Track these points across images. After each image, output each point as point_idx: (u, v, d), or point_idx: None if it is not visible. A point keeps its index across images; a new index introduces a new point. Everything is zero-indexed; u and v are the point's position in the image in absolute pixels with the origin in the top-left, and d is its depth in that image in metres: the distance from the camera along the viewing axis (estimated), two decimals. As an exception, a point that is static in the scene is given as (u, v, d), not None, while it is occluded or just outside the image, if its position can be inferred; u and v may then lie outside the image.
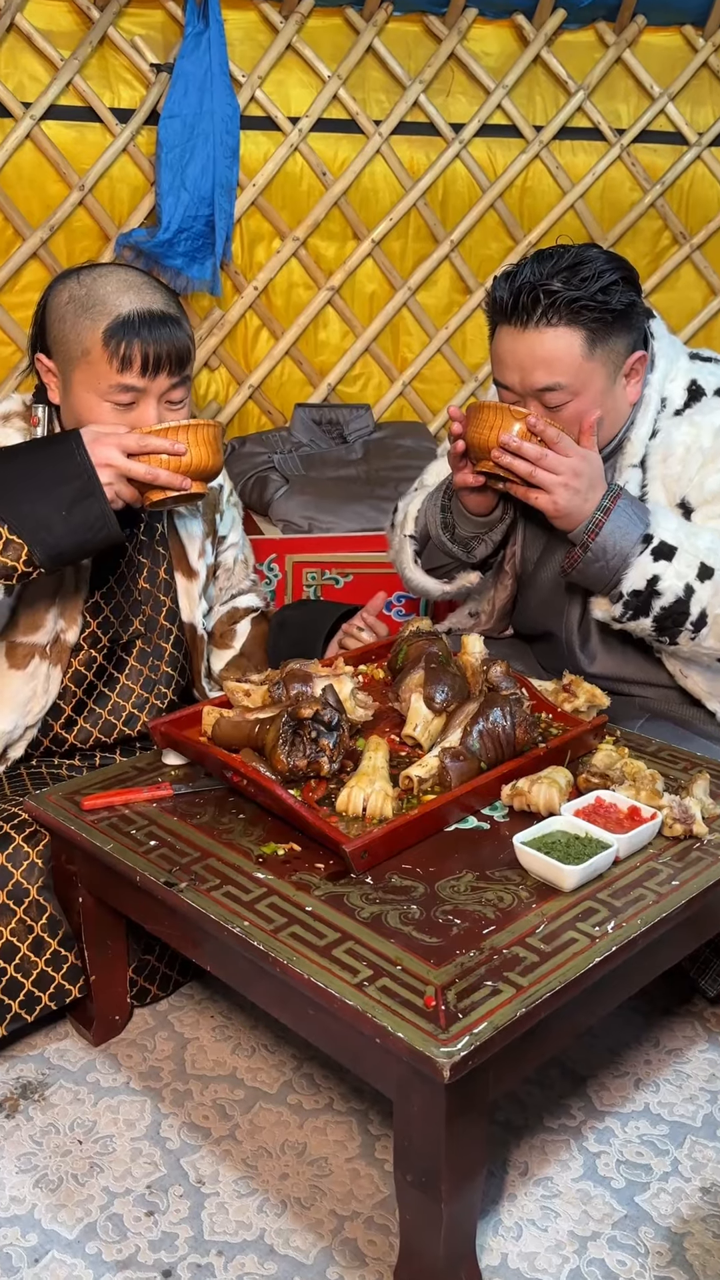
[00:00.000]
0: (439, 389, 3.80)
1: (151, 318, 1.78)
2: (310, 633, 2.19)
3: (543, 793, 1.62)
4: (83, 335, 1.78)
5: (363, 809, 1.59)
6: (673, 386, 1.97)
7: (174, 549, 2.07)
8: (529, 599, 2.19)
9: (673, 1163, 1.63)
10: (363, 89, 3.45)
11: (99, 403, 1.79)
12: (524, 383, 1.87)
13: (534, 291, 1.81)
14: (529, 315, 1.83)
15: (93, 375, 1.78)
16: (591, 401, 1.88)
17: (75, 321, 1.79)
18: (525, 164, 3.59)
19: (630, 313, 1.87)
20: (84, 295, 1.80)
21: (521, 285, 1.83)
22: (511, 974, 1.32)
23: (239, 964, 1.47)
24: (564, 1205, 1.56)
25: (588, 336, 1.83)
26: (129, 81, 3.25)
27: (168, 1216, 1.55)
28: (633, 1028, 1.87)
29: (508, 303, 1.85)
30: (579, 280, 1.81)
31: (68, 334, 1.80)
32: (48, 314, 1.85)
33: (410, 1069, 1.25)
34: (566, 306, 1.81)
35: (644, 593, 1.85)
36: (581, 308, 1.81)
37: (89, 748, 2.02)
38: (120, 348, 1.76)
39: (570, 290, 1.81)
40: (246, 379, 3.60)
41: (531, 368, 1.85)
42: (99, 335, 1.76)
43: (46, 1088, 1.76)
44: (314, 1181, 1.60)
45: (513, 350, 1.87)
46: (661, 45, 3.62)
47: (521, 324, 1.84)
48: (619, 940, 1.39)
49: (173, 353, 1.80)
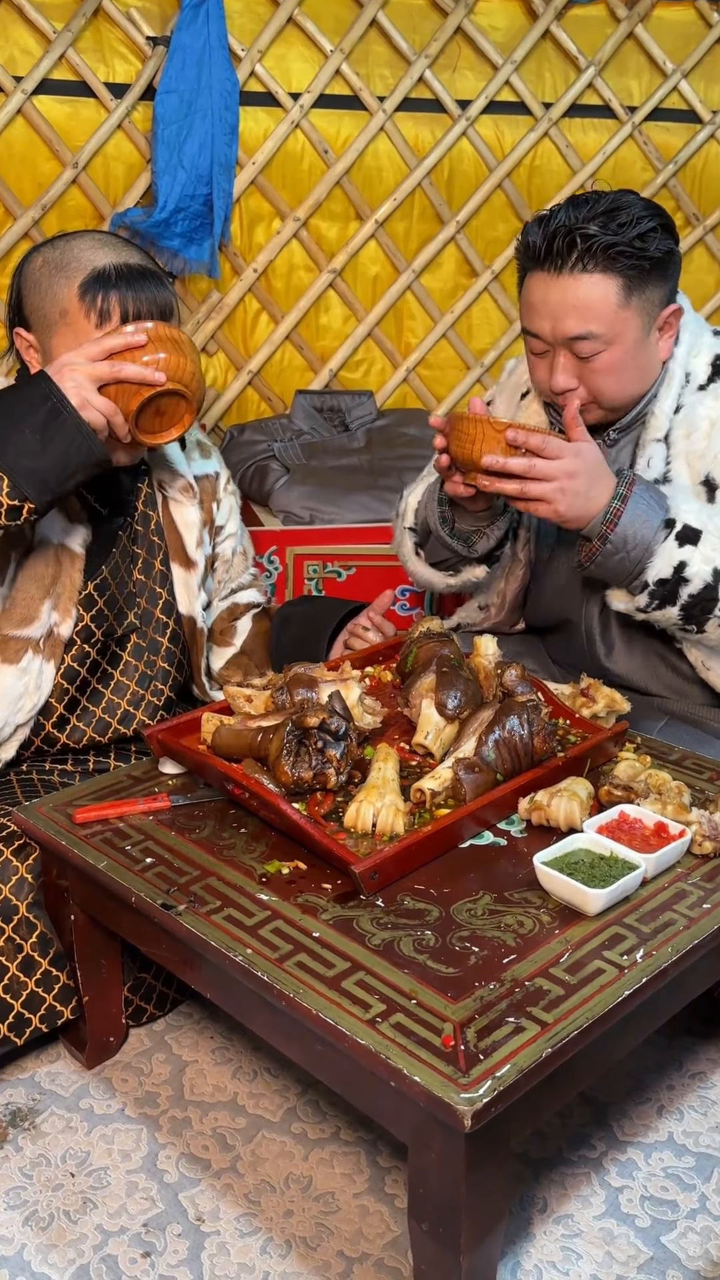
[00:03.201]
0: (444, 375, 3.69)
1: (130, 271, 1.71)
2: (314, 631, 2.10)
3: (563, 807, 1.53)
4: (59, 295, 1.70)
5: (372, 825, 1.50)
6: (696, 362, 1.91)
7: (170, 539, 1.97)
8: (544, 587, 2.10)
9: (700, 1199, 1.54)
10: (366, 64, 3.34)
11: None
12: (555, 331, 1.79)
13: (570, 235, 1.74)
14: (563, 260, 1.75)
15: (72, 335, 1.70)
16: (624, 353, 1.80)
17: (50, 283, 1.71)
18: (534, 142, 3.48)
19: (667, 262, 1.80)
20: (57, 257, 1.73)
21: (556, 229, 1.75)
22: (535, 1009, 1.23)
23: (241, 994, 1.38)
24: (586, 1246, 1.47)
25: (624, 284, 1.76)
26: (124, 55, 3.14)
27: (165, 1258, 1.46)
28: (654, 1050, 1.79)
29: (541, 247, 1.77)
30: (616, 226, 1.74)
31: (43, 298, 1.72)
32: (23, 285, 1.77)
33: (428, 1115, 1.16)
34: (603, 252, 1.74)
35: (671, 580, 1.76)
36: (619, 254, 1.74)
37: (82, 748, 1.93)
38: (98, 301, 1.68)
39: (608, 235, 1.73)
40: (245, 364, 3.49)
41: (564, 315, 1.77)
42: (74, 291, 1.69)
43: (37, 1115, 1.67)
44: (320, 1219, 1.51)
45: (544, 297, 1.79)
46: (675, 20, 3.51)
47: (555, 269, 1.77)
48: (649, 970, 1.29)
49: (153, 307, 1.72)
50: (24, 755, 1.90)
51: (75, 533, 1.83)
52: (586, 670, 2.03)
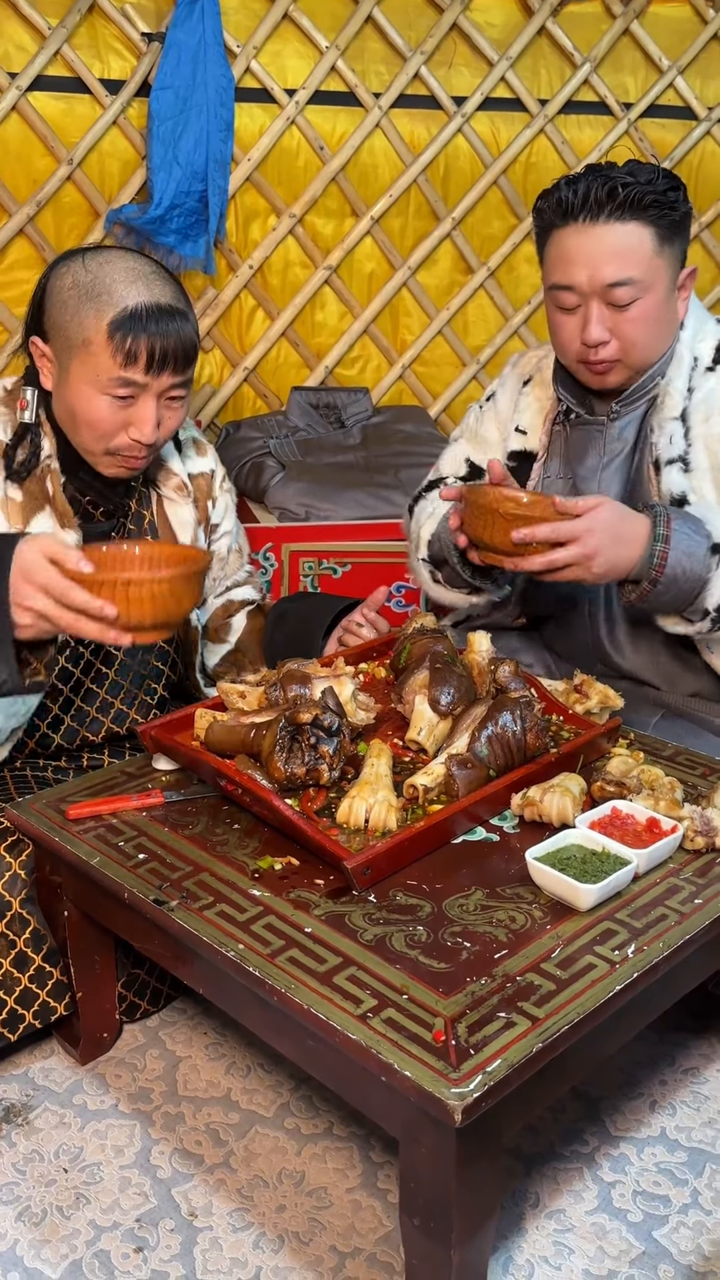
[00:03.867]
0: (439, 372, 3.69)
1: (160, 312, 1.69)
2: (308, 628, 2.09)
3: (555, 802, 1.53)
4: (85, 325, 1.68)
5: (365, 820, 1.50)
6: (703, 345, 1.94)
7: (164, 538, 1.97)
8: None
9: (692, 1193, 1.54)
10: (362, 60, 3.34)
11: (96, 395, 1.70)
12: (593, 278, 1.81)
13: (608, 184, 1.78)
14: (600, 210, 1.79)
15: (93, 367, 1.69)
16: (657, 302, 1.83)
17: (78, 309, 1.69)
18: (529, 139, 3.48)
19: (687, 220, 1.86)
20: (89, 282, 1.69)
21: (591, 182, 1.80)
22: (526, 1004, 1.23)
23: (233, 989, 1.38)
24: (578, 1241, 1.47)
25: (657, 233, 1.80)
26: (119, 51, 3.13)
27: (158, 1253, 1.46)
28: (646, 1046, 1.79)
29: (575, 200, 1.80)
30: (645, 178, 1.79)
31: (69, 321, 1.70)
32: (48, 297, 1.74)
33: (418, 1110, 1.16)
34: (638, 201, 1.78)
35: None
36: (652, 203, 1.78)
37: (75, 747, 1.93)
38: (125, 342, 1.67)
39: (640, 184, 1.78)
40: (241, 361, 3.49)
41: (602, 262, 1.80)
42: (103, 327, 1.67)
43: (30, 1110, 1.67)
44: (313, 1214, 1.51)
45: (580, 246, 1.81)
46: (670, 16, 3.51)
47: (592, 218, 1.80)
48: (640, 966, 1.29)
49: (179, 351, 1.71)
50: (18, 756, 1.90)
51: (66, 535, 1.81)
52: (588, 657, 2.03)
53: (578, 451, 2.01)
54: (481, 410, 2.19)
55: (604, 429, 1.96)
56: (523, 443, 2.09)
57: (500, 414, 2.15)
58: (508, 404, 2.14)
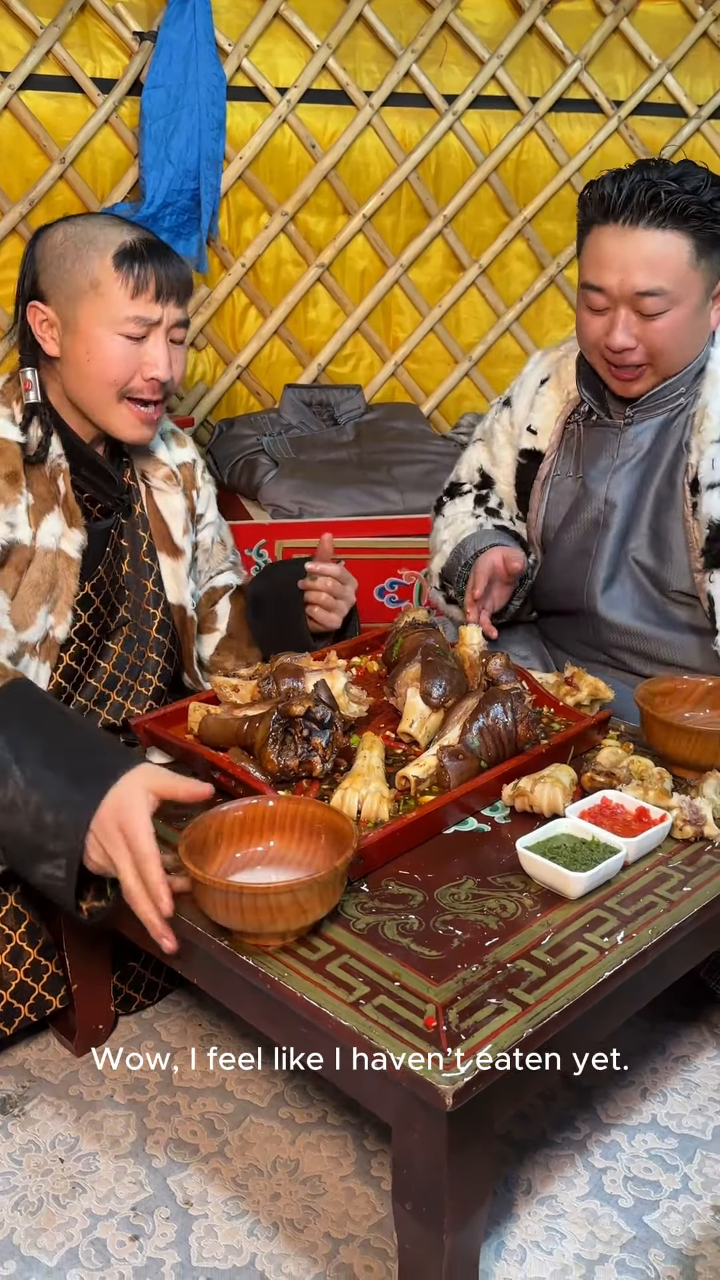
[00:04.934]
0: (432, 369, 3.71)
1: (156, 245, 1.76)
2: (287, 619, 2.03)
3: (546, 793, 1.54)
4: (90, 266, 1.73)
5: (357, 811, 1.51)
6: None
7: (156, 528, 1.97)
8: (550, 566, 2.11)
9: (683, 1179, 1.56)
10: (353, 59, 3.35)
11: (110, 336, 1.74)
12: (624, 285, 1.80)
13: (651, 190, 1.75)
14: (640, 214, 1.77)
15: (103, 306, 1.73)
16: (686, 315, 1.82)
17: (78, 255, 1.74)
18: (520, 137, 3.50)
19: None
20: (79, 232, 1.75)
21: (635, 183, 1.77)
22: (516, 990, 1.25)
23: (227, 979, 1.39)
24: (570, 1226, 1.49)
25: (696, 245, 1.78)
26: (111, 50, 3.15)
27: (153, 1241, 1.47)
28: (638, 1034, 1.80)
29: (618, 200, 1.78)
30: (691, 187, 1.76)
31: (70, 270, 1.74)
32: (40, 259, 1.77)
33: (410, 1095, 1.17)
34: (680, 211, 1.76)
35: None
36: (695, 214, 1.76)
37: None
38: (135, 269, 1.72)
39: (685, 194, 1.75)
40: (234, 359, 3.50)
41: (635, 269, 1.78)
42: (109, 262, 1.72)
43: (27, 1101, 1.68)
44: (307, 1202, 1.52)
45: (615, 250, 1.80)
46: (660, 14, 3.52)
47: (630, 223, 1.78)
48: (629, 952, 1.31)
49: (181, 279, 1.78)
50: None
51: (72, 538, 1.82)
52: (591, 648, 2.05)
53: (590, 453, 2.02)
54: (497, 413, 2.21)
55: (619, 433, 1.97)
56: (533, 442, 2.11)
57: (514, 417, 2.16)
58: (523, 406, 2.15)
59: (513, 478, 2.17)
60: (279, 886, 1.26)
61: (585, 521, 2.03)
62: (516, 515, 2.18)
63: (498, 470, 2.20)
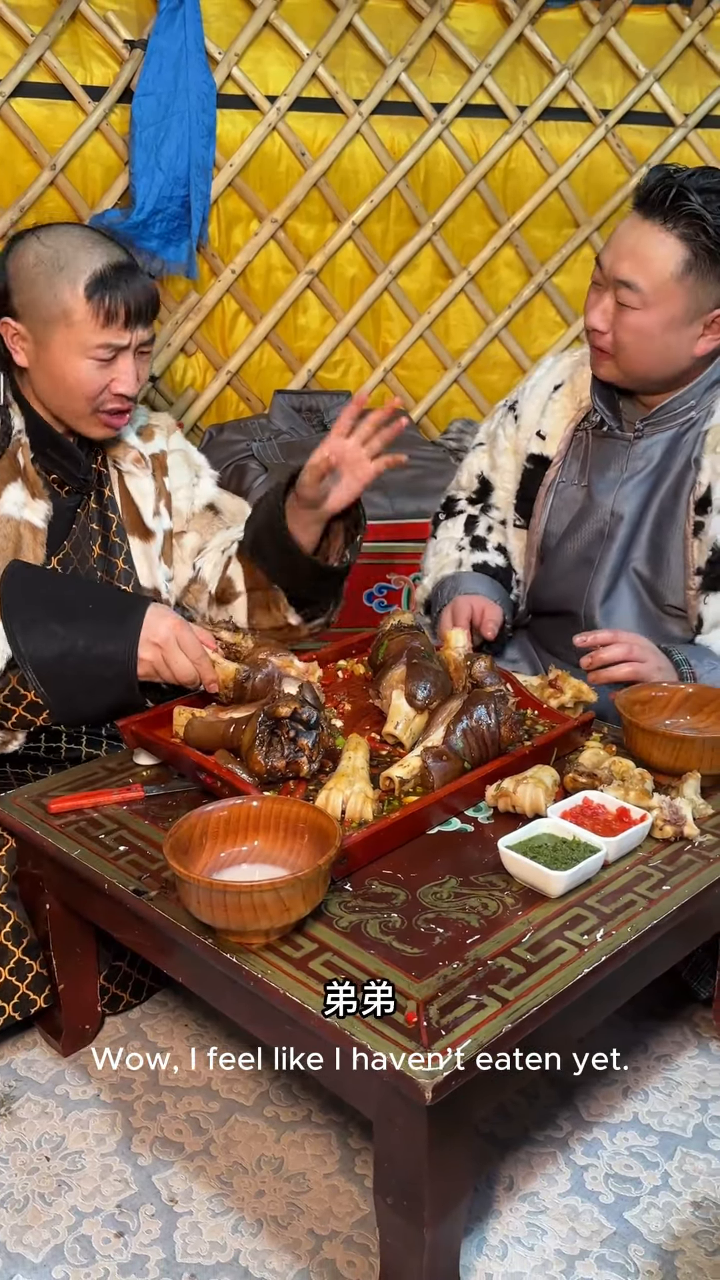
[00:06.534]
0: (421, 375, 3.72)
1: (125, 269, 1.81)
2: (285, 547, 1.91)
3: (528, 793, 1.56)
4: (61, 296, 1.77)
5: (342, 811, 1.52)
6: None
7: (127, 512, 1.99)
8: (550, 572, 2.13)
9: (663, 1176, 1.57)
10: (342, 67, 3.36)
11: (81, 361, 1.80)
12: (610, 267, 1.86)
13: (673, 190, 1.80)
14: (654, 208, 1.82)
15: (75, 335, 1.78)
16: (655, 323, 1.84)
17: (49, 283, 1.77)
18: (509, 145, 3.51)
19: None
20: (51, 255, 1.78)
21: (668, 179, 1.81)
22: (496, 987, 1.26)
23: (211, 976, 1.41)
24: (551, 1222, 1.50)
25: (688, 258, 1.80)
26: (102, 58, 3.16)
27: (138, 1238, 1.48)
28: (620, 1033, 1.82)
29: (645, 189, 1.84)
30: (716, 208, 1.79)
31: (42, 296, 1.78)
32: (12, 278, 1.81)
33: (390, 1089, 1.19)
34: (687, 218, 1.79)
35: None
36: (700, 229, 1.79)
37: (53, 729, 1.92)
38: (104, 302, 1.77)
39: (701, 206, 1.78)
40: (224, 365, 3.51)
41: (624, 256, 1.84)
42: (80, 293, 1.77)
43: (13, 1101, 1.69)
44: (291, 1199, 1.54)
45: (622, 233, 1.86)
46: (647, 24, 3.54)
47: (644, 214, 1.83)
48: (609, 950, 1.33)
49: (147, 302, 1.83)
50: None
51: (36, 508, 1.87)
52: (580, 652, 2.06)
53: (599, 463, 2.03)
54: (502, 417, 2.22)
55: (629, 445, 1.98)
56: (541, 447, 2.12)
57: (521, 422, 2.17)
58: (532, 411, 2.15)
59: (514, 484, 2.17)
60: (262, 885, 1.28)
61: (590, 532, 2.03)
62: (515, 522, 2.18)
63: (497, 475, 2.21)
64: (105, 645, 1.70)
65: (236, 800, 1.45)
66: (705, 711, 1.73)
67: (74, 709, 1.74)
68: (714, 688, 1.76)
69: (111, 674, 1.70)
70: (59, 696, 1.71)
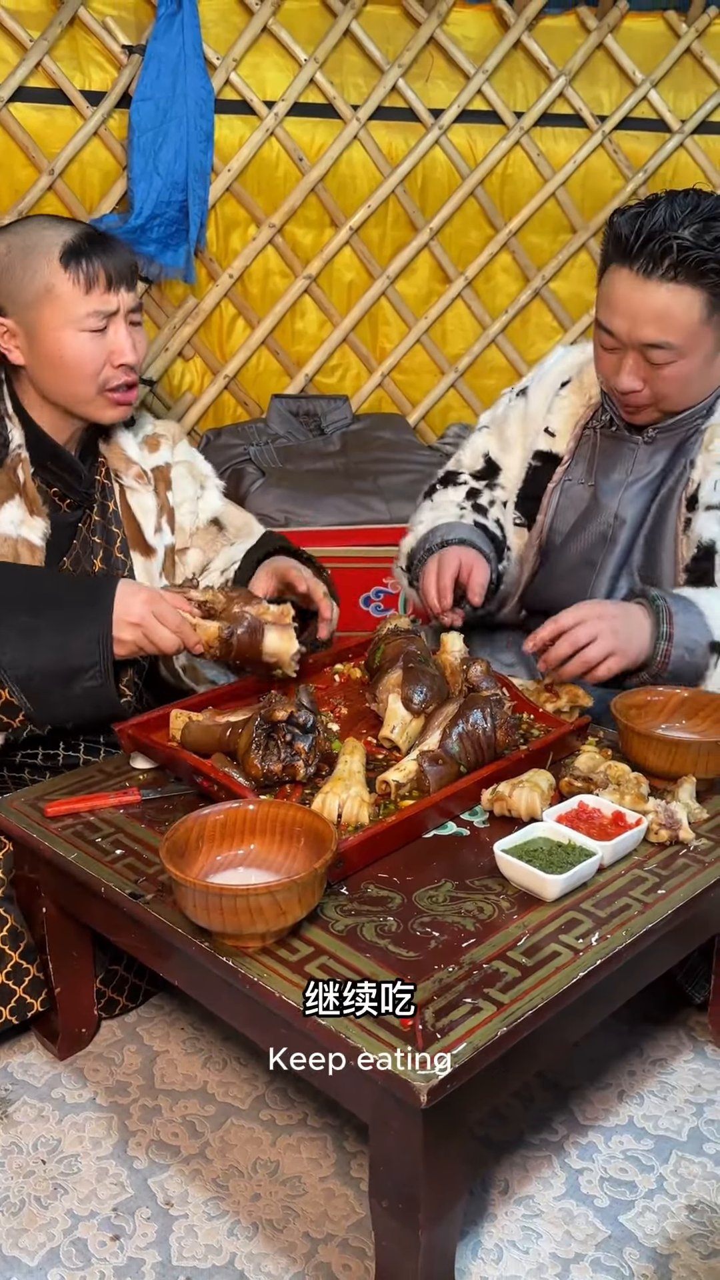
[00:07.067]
0: (418, 380, 3.74)
1: (97, 236, 1.81)
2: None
3: (524, 797, 1.56)
4: (39, 272, 1.77)
5: (338, 815, 1.53)
6: None
7: (128, 527, 1.99)
8: (551, 572, 2.12)
9: (658, 1179, 1.58)
10: (340, 73, 3.38)
11: (74, 335, 1.79)
12: (631, 334, 1.79)
13: (666, 241, 1.72)
14: (654, 266, 1.74)
15: (60, 309, 1.78)
16: (694, 365, 1.81)
17: (25, 264, 1.78)
18: (506, 151, 3.53)
19: None
20: (20, 242, 1.79)
21: (653, 230, 1.73)
22: (492, 990, 1.27)
23: (207, 979, 1.41)
24: (546, 1225, 1.51)
25: (708, 300, 1.76)
26: (100, 63, 3.17)
27: (134, 1241, 1.48)
28: (616, 1037, 1.82)
29: (633, 245, 1.75)
30: (710, 240, 1.72)
31: (20, 279, 1.78)
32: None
33: (386, 1093, 1.19)
34: (695, 266, 1.72)
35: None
36: (710, 270, 1.73)
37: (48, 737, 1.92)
38: (83, 265, 1.77)
39: (702, 249, 1.72)
40: (222, 369, 3.52)
41: (644, 321, 1.77)
42: (56, 264, 1.77)
43: (9, 1104, 1.70)
44: (287, 1202, 1.54)
45: (628, 298, 1.78)
46: (644, 31, 3.56)
47: (644, 273, 1.75)
48: (604, 953, 1.33)
49: (127, 264, 1.83)
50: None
51: (34, 526, 1.85)
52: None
53: (605, 464, 2.02)
54: (511, 402, 2.19)
55: (636, 448, 1.97)
56: (550, 444, 2.09)
57: (529, 411, 2.14)
58: (540, 402, 2.13)
59: (520, 473, 2.14)
60: (258, 888, 1.28)
61: (593, 533, 2.03)
62: (516, 520, 2.16)
63: (507, 457, 2.16)
64: (78, 630, 1.67)
65: (233, 804, 1.45)
66: (701, 716, 1.74)
67: (49, 704, 1.70)
68: (709, 693, 1.76)
69: (88, 661, 1.67)
70: (33, 691, 1.67)
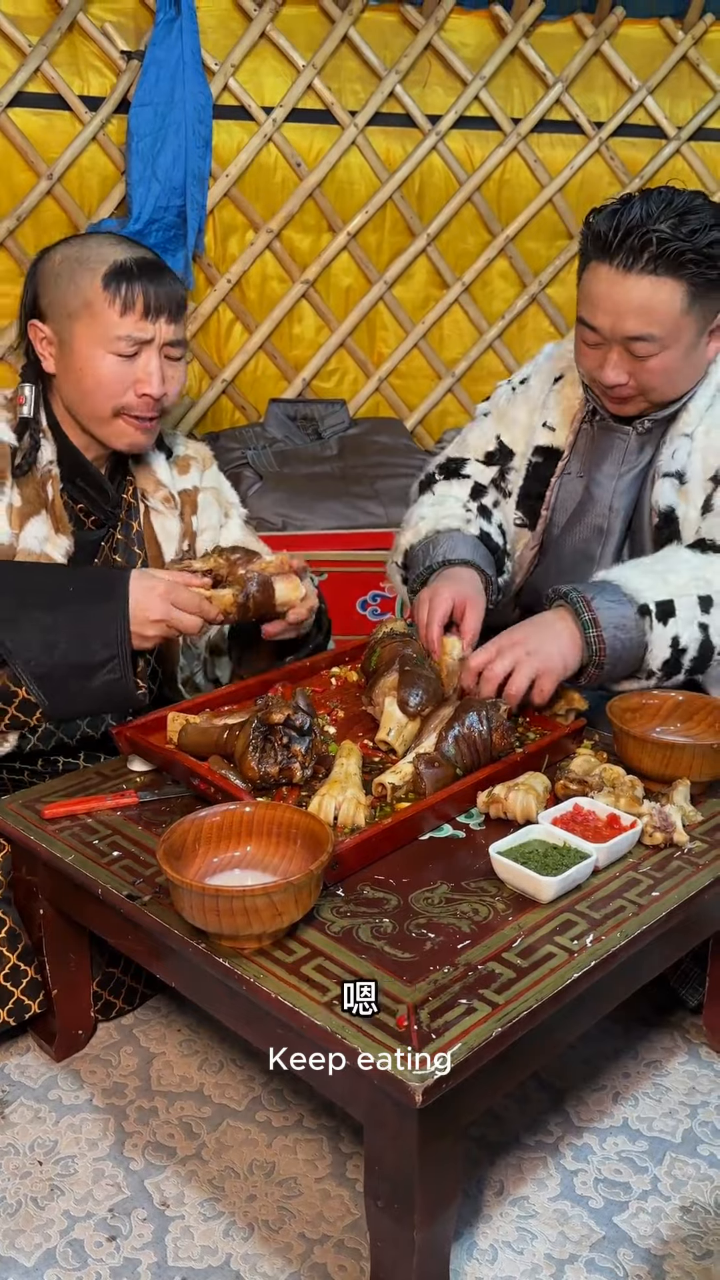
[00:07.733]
0: (415, 385, 3.75)
1: (148, 264, 1.80)
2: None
3: (520, 800, 1.57)
4: (82, 287, 1.77)
5: (334, 817, 1.53)
6: None
7: (150, 549, 1.99)
8: (550, 565, 2.12)
9: (652, 1181, 1.58)
10: (338, 79, 3.39)
11: (103, 355, 1.78)
12: (614, 328, 1.80)
13: (644, 235, 1.74)
14: (633, 260, 1.76)
15: (95, 326, 1.77)
16: (677, 356, 1.83)
17: (72, 275, 1.78)
18: (503, 157, 3.55)
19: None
20: (77, 253, 1.80)
21: (630, 226, 1.75)
22: (487, 991, 1.27)
23: (204, 981, 1.42)
24: (541, 1226, 1.51)
25: (689, 291, 1.77)
26: (99, 69, 3.19)
27: (130, 1241, 1.49)
28: (611, 1039, 1.83)
29: (612, 240, 1.77)
30: (688, 231, 1.74)
31: (65, 290, 1.79)
32: (40, 278, 1.83)
33: (381, 1093, 1.20)
34: (674, 258, 1.74)
35: (671, 658, 1.78)
36: (688, 260, 1.75)
37: (51, 750, 1.95)
38: (122, 290, 1.76)
39: (679, 240, 1.73)
40: (220, 373, 3.54)
41: (626, 315, 1.78)
42: (98, 283, 1.76)
43: (6, 1106, 1.70)
44: (283, 1203, 1.54)
45: (609, 293, 1.79)
46: (640, 37, 3.58)
47: (624, 267, 1.77)
48: (598, 955, 1.34)
49: (172, 296, 1.80)
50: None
51: (59, 543, 1.85)
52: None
53: (598, 456, 2.02)
54: (514, 391, 2.19)
55: (627, 439, 1.98)
56: (549, 439, 2.10)
57: (532, 399, 2.15)
58: (540, 390, 2.14)
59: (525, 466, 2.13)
60: (255, 890, 1.29)
61: (589, 527, 2.04)
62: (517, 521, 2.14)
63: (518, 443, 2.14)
64: (95, 625, 1.66)
65: (230, 806, 1.46)
66: (695, 719, 1.75)
67: (68, 699, 1.69)
68: (704, 696, 1.77)
69: (107, 655, 1.66)
70: (52, 687, 1.66)
